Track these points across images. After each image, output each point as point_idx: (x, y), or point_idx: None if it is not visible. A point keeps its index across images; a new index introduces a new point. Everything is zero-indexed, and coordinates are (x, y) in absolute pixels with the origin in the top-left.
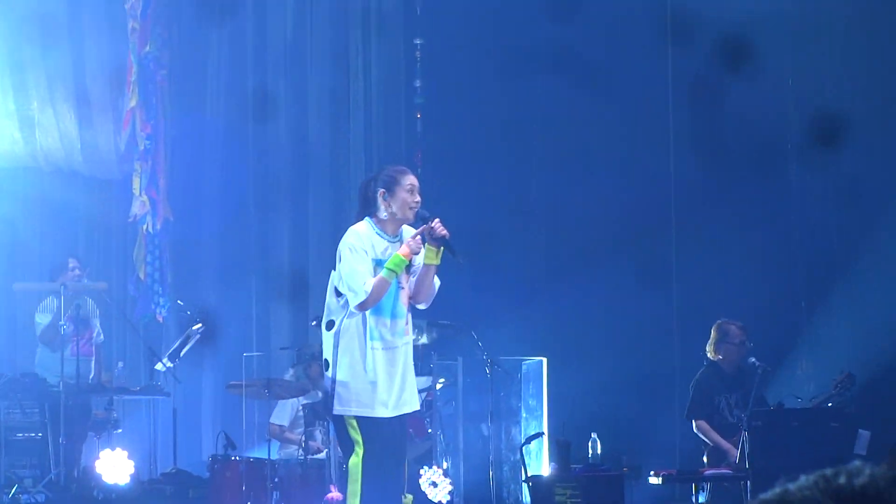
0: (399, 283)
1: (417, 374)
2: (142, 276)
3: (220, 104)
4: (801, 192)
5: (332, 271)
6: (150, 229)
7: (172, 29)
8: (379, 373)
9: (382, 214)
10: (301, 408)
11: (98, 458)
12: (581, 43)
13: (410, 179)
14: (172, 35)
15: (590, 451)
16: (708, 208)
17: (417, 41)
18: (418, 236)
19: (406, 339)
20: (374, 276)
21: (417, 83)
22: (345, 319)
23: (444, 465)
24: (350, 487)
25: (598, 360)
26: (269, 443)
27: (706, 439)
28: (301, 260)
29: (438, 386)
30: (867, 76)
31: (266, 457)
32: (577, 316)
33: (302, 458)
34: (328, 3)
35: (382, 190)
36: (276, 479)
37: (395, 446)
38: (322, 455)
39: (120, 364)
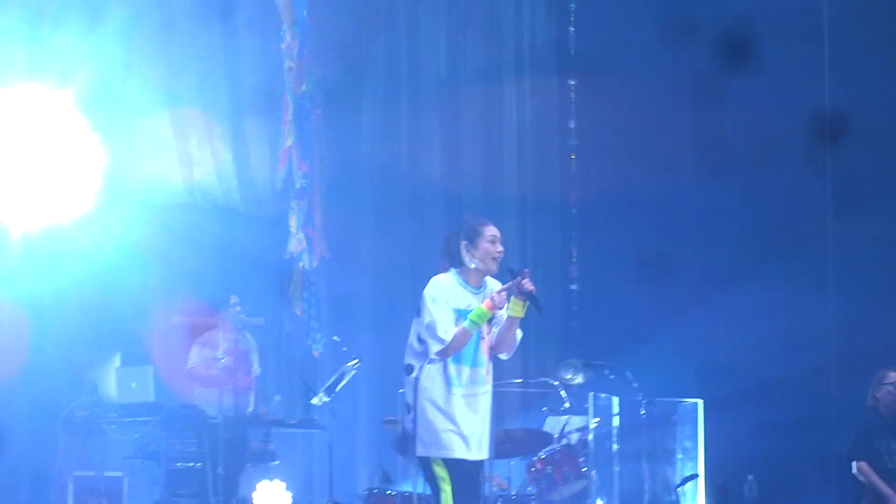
0: (480, 333)
1: (573, 412)
2: (298, 312)
3: (375, 144)
4: None
5: (415, 318)
6: (307, 266)
7: (327, 68)
8: (459, 418)
9: (468, 265)
10: None
11: (255, 489)
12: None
13: (492, 230)
14: (327, 74)
15: (746, 493)
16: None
17: (571, 82)
18: (503, 292)
19: (486, 387)
20: (456, 325)
21: (571, 124)
22: (425, 365)
23: None
24: None
25: (754, 401)
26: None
27: (867, 482)
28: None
29: (593, 425)
30: None
31: (421, 491)
32: (731, 357)
33: None
34: (481, 43)
35: (465, 242)
36: None
37: (473, 489)
38: None
39: (277, 398)
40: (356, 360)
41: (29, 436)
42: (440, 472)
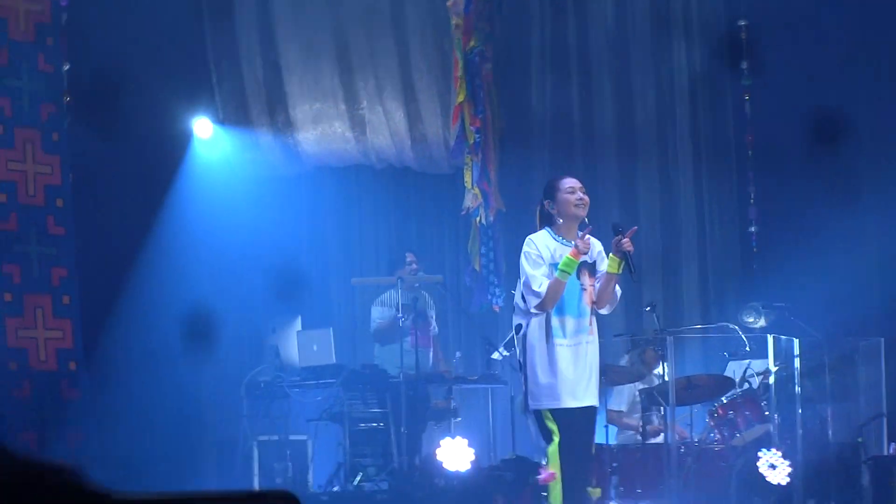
0: (582, 284)
1: (754, 356)
2: (477, 267)
3: (545, 95)
4: None
5: (518, 279)
6: (484, 221)
7: (494, 23)
8: (565, 368)
9: (557, 220)
10: (637, 393)
11: (439, 446)
12: None
13: (569, 182)
14: (495, 29)
15: None
16: None
17: (742, 22)
18: (587, 237)
19: (590, 337)
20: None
21: (744, 64)
22: (531, 321)
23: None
24: (550, 469)
25: None
26: (607, 428)
27: None
28: (633, 246)
29: (774, 368)
30: None
31: (604, 442)
32: None
33: (640, 442)
34: None
35: (547, 201)
36: (615, 464)
37: (585, 435)
38: (660, 439)
39: (458, 354)
40: None
41: (214, 402)
42: (550, 425)
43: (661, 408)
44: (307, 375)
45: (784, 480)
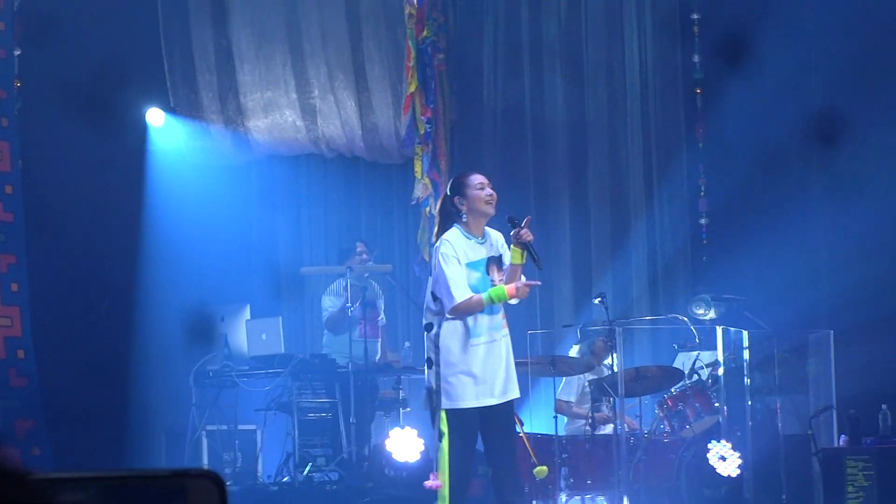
0: (492, 280)
1: (703, 347)
2: (426, 257)
3: (497, 86)
4: None
5: (429, 276)
6: (433, 211)
7: (448, 13)
8: (482, 366)
9: (465, 217)
10: (587, 383)
11: (388, 436)
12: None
13: (478, 178)
14: (448, 19)
15: (880, 423)
16: None
17: (695, 16)
18: (524, 286)
19: (504, 331)
20: (469, 280)
21: (696, 58)
22: (444, 322)
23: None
24: (440, 477)
25: (886, 330)
26: (556, 419)
27: None
28: (583, 239)
29: (723, 360)
30: None
31: (553, 433)
32: (861, 287)
33: (589, 433)
34: None
35: (457, 197)
36: (565, 455)
37: (508, 429)
38: (609, 430)
39: (407, 344)
40: None
41: (161, 391)
42: (444, 425)
43: (611, 399)
44: (256, 365)
45: (734, 472)
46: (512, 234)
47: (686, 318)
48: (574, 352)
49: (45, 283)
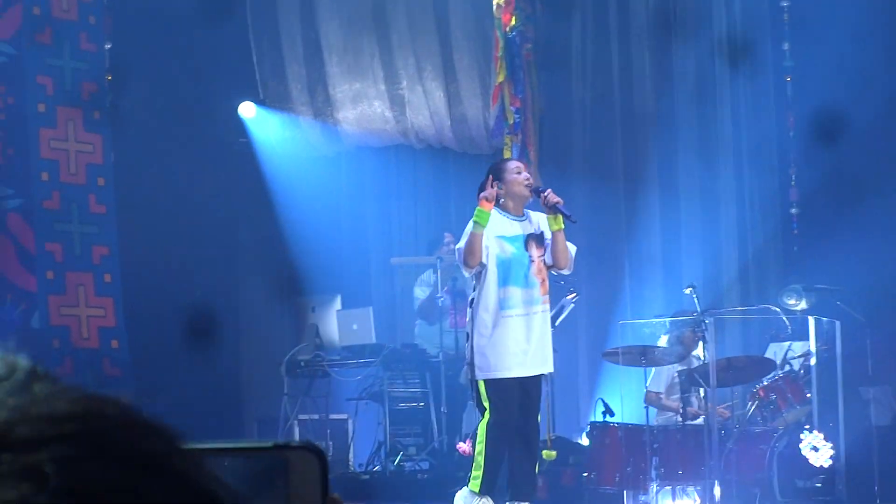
0: (530, 255)
1: (795, 338)
2: None
3: (585, 75)
4: None
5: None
6: None
7: (535, 3)
8: (514, 338)
9: (502, 200)
10: (677, 374)
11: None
12: None
13: (514, 163)
14: (536, 9)
15: None
16: None
17: (784, 3)
18: (492, 189)
19: (540, 307)
20: (503, 252)
21: (786, 45)
22: (479, 294)
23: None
24: (478, 447)
25: None
26: (647, 409)
27: None
28: (673, 228)
29: (815, 350)
30: None
31: (644, 423)
32: None
33: (680, 424)
34: None
35: (495, 182)
36: (655, 445)
37: (533, 402)
38: (700, 421)
39: None
40: (574, 294)
41: (254, 381)
42: (482, 390)
43: (701, 389)
44: (347, 354)
45: (826, 463)
46: (541, 202)
47: (778, 309)
48: (664, 342)
49: (137, 274)
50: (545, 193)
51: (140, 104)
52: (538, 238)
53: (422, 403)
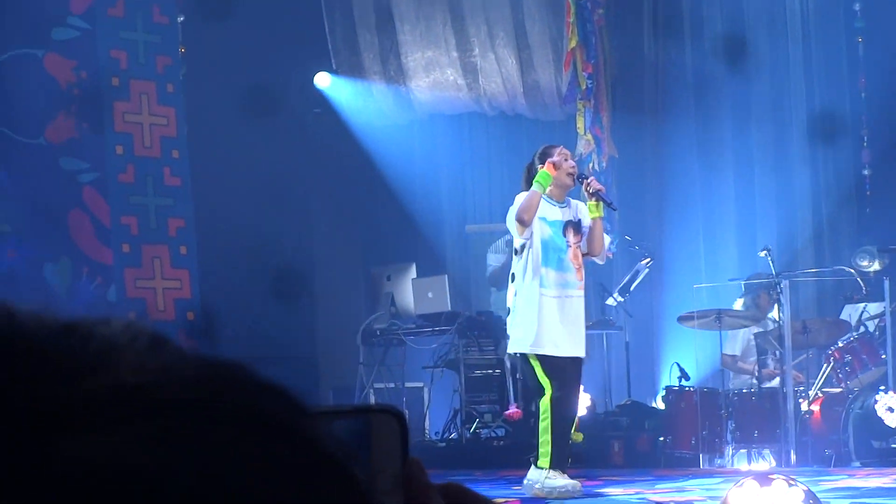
0: (567, 241)
1: (870, 299)
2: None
3: (657, 40)
4: None
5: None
6: (596, 167)
7: None
8: (547, 317)
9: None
10: (752, 337)
11: None
12: None
13: (561, 150)
14: None
15: None
16: None
17: None
18: (555, 159)
19: (575, 291)
20: (543, 233)
21: (857, 6)
22: (522, 273)
23: None
24: (542, 424)
25: None
26: (723, 373)
27: None
28: (747, 192)
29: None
30: None
31: (720, 387)
32: None
33: (755, 387)
34: None
35: (539, 165)
36: (731, 409)
37: (570, 384)
38: (776, 383)
39: None
40: (649, 259)
41: (330, 350)
42: (537, 368)
43: (777, 352)
44: (422, 323)
45: None
46: (583, 189)
47: (852, 270)
48: (739, 305)
49: (214, 246)
50: (588, 180)
51: (213, 76)
52: (576, 225)
53: (497, 371)
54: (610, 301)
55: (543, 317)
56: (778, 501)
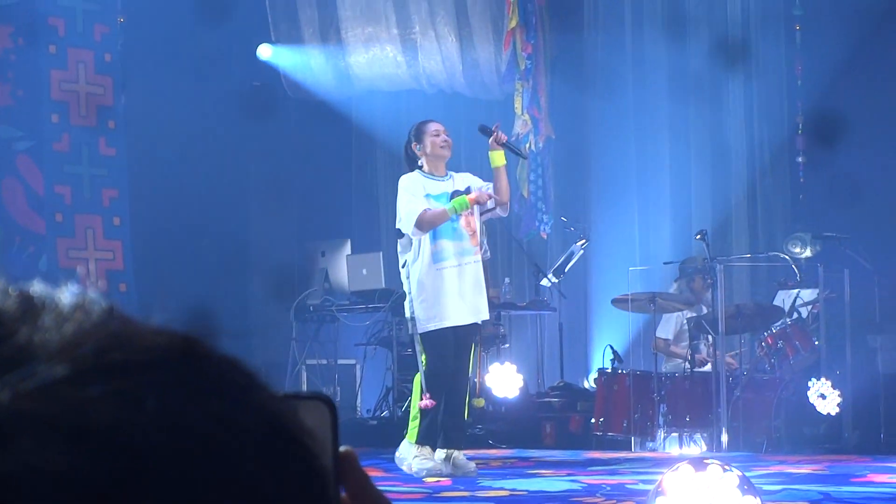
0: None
1: (803, 286)
2: (525, 194)
3: (598, 22)
4: None
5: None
6: (533, 147)
7: None
8: (448, 289)
9: (422, 161)
10: (686, 321)
11: (487, 372)
12: None
13: (434, 125)
14: None
15: None
16: None
17: None
18: (487, 190)
19: (473, 258)
20: (430, 206)
21: None
22: (415, 251)
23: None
24: (413, 398)
25: None
26: (655, 356)
27: None
28: (683, 175)
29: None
30: None
31: (652, 370)
32: None
33: (688, 371)
34: None
35: (415, 143)
36: (663, 392)
37: (464, 351)
38: (708, 368)
39: (507, 280)
40: (584, 241)
41: (263, 325)
42: (421, 347)
43: (709, 336)
44: (356, 300)
45: (833, 410)
46: (490, 140)
47: (787, 257)
48: (673, 289)
49: (146, 217)
50: (495, 133)
51: (151, 46)
52: (464, 194)
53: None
54: (544, 282)
55: (442, 292)
56: (713, 486)
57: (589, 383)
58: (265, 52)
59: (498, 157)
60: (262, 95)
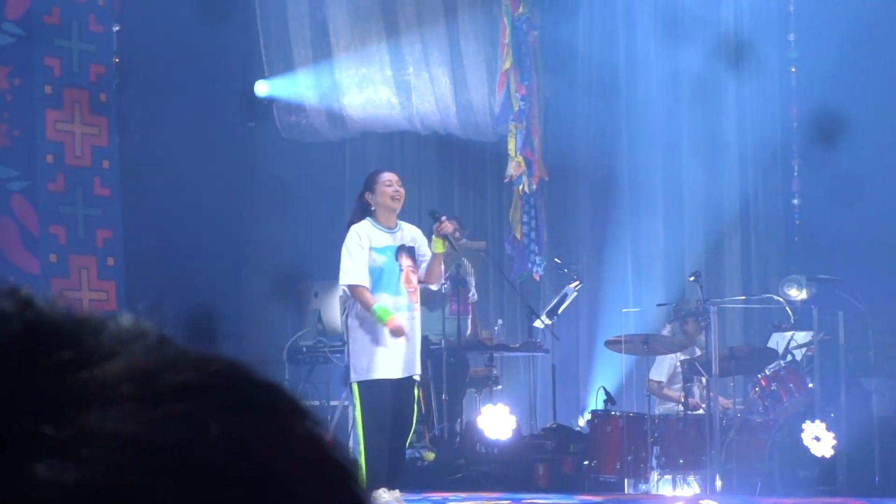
0: (400, 265)
1: (798, 328)
2: (518, 235)
3: (592, 63)
4: None
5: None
6: (526, 189)
7: None
8: (386, 342)
9: (373, 210)
10: (679, 364)
11: (480, 413)
12: None
13: (387, 176)
14: None
15: None
16: None
17: (791, 7)
18: (402, 327)
19: (411, 313)
20: (374, 262)
21: (791, 37)
22: (354, 301)
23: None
24: (359, 447)
25: None
26: (649, 398)
27: None
28: (676, 217)
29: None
30: None
31: (646, 412)
32: None
33: (681, 413)
34: None
35: (367, 192)
36: (657, 435)
37: (404, 405)
38: (701, 411)
39: (499, 321)
40: (577, 282)
41: (254, 367)
42: (357, 396)
43: (703, 379)
44: None
45: (828, 453)
46: (434, 227)
47: (781, 299)
48: (667, 331)
49: (141, 258)
50: (441, 223)
51: (147, 87)
52: (409, 250)
53: (422, 391)
54: (537, 323)
55: (379, 345)
56: None
57: (582, 425)
58: (262, 88)
59: (438, 245)
60: (256, 136)
